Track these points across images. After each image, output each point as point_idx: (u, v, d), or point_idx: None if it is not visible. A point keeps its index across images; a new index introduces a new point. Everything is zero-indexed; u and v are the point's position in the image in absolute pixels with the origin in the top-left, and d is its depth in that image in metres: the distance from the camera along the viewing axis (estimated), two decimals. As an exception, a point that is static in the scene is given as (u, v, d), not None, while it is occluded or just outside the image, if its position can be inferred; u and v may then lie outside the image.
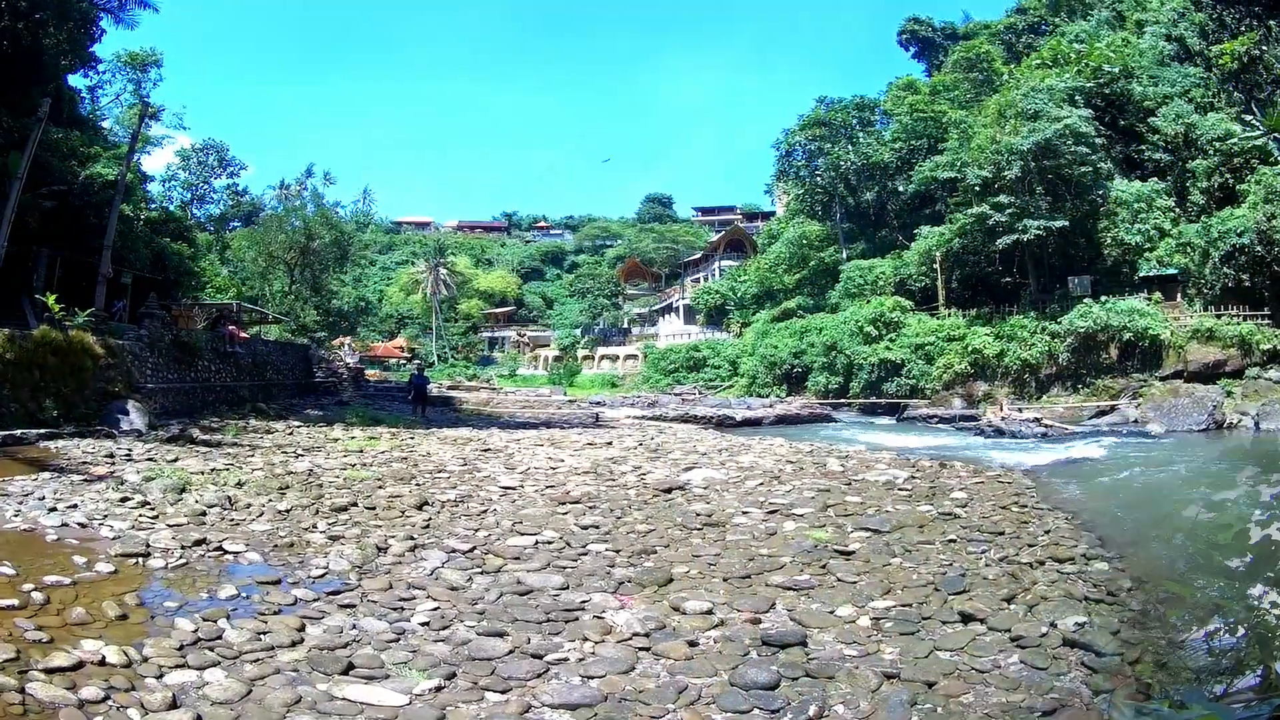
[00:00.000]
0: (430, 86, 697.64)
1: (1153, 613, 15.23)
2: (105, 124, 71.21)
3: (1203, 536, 22.25)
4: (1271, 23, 79.23)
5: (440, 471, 27.06)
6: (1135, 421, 55.74)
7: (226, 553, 16.03)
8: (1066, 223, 71.11)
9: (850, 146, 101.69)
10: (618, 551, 17.15)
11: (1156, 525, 24.72)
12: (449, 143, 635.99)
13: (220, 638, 11.66)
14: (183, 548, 15.86)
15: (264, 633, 11.96)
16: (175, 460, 25.84)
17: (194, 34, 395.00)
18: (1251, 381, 58.35)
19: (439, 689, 10.46)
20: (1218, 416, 53.52)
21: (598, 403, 79.89)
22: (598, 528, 19.15)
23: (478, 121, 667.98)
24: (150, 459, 25.83)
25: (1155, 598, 16.18)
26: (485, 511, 20.75)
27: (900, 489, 26.29)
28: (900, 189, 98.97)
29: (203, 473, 23.86)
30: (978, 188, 74.15)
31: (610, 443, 38.30)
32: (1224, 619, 14.88)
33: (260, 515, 19.25)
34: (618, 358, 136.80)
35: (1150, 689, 11.76)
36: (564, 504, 21.96)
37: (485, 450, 33.56)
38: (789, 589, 15.12)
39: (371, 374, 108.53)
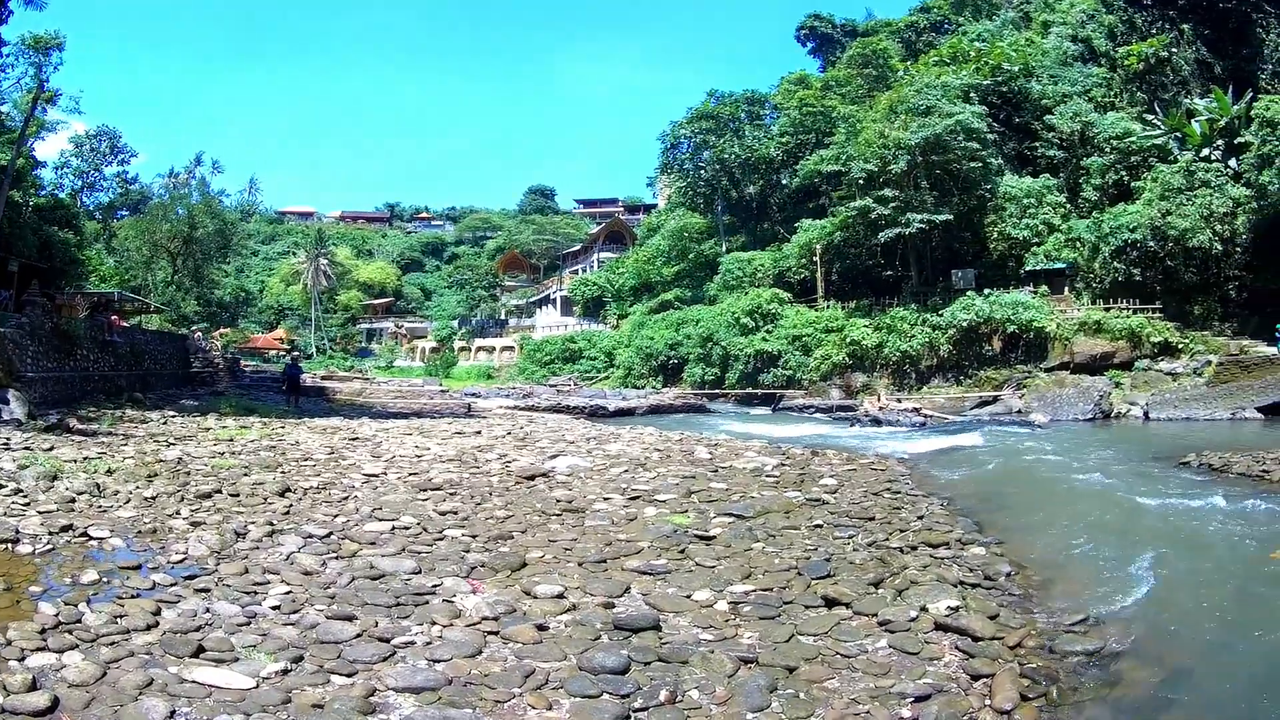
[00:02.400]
0: (321, 75, 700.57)
1: (1034, 597, 15.38)
2: (4, 108, 70.15)
3: (1084, 522, 22.04)
4: (1184, 26, 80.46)
5: (307, 460, 26.98)
6: (1019, 412, 56.45)
7: (92, 538, 15.97)
8: (951, 217, 72.03)
9: (736, 140, 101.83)
10: (474, 537, 17.15)
11: (1037, 511, 24.78)
12: (336, 132, 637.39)
13: (80, 621, 11.68)
14: (50, 534, 15.78)
15: (121, 616, 11.93)
16: (51, 449, 25.42)
17: (85, 18, 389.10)
18: (1141, 373, 59.57)
19: (286, 672, 10.46)
20: (1104, 406, 54.40)
21: (472, 394, 79.05)
22: (456, 513, 19.17)
23: (366, 111, 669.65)
24: (27, 448, 25.36)
25: (1036, 582, 16.35)
26: (346, 498, 20.77)
27: (768, 476, 26.44)
28: (785, 182, 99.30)
29: (76, 461, 23.52)
30: (862, 181, 74.62)
31: (479, 432, 38.31)
32: (1106, 603, 14.88)
33: (127, 502, 19.09)
34: (494, 349, 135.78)
35: (1035, 673, 11.79)
36: (425, 491, 21.97)
37: (353, 439, 33.54)
38: (645, 573, 15.19)
39: (248, 365, 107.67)
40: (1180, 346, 61.26)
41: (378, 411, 53.43)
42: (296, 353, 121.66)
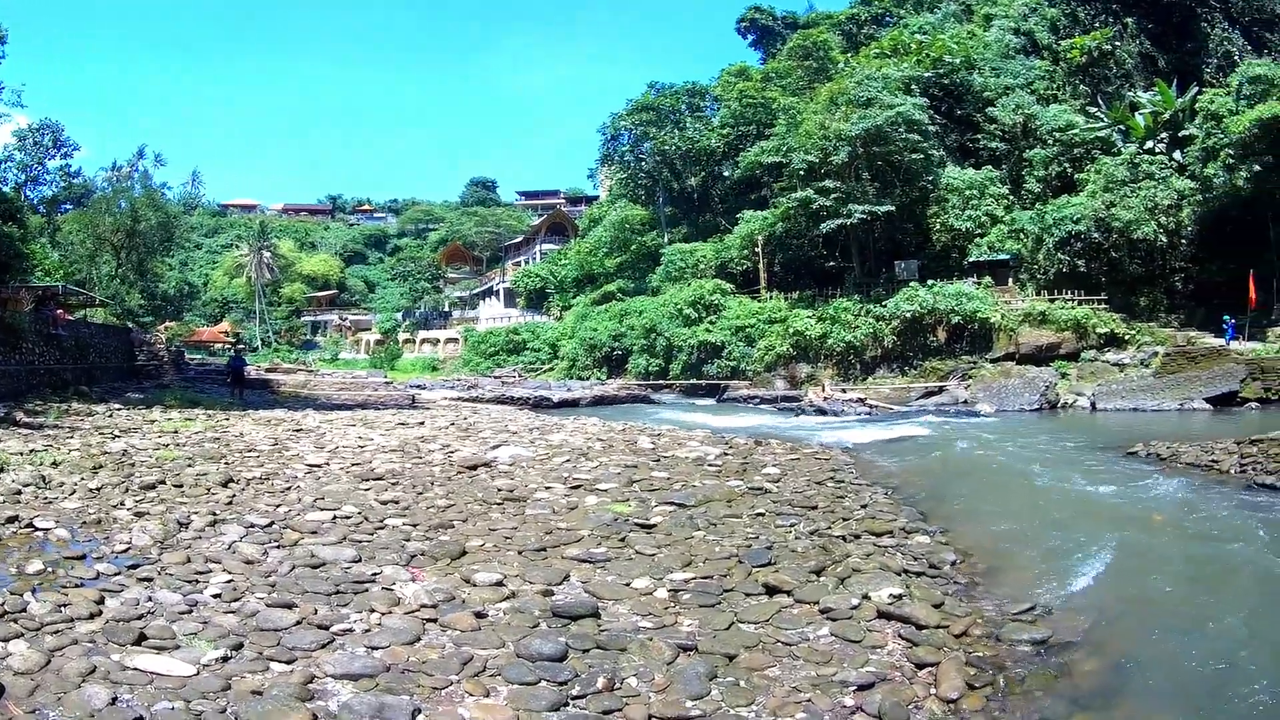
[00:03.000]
0: (262, 68, 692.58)
1: (980, 585, 15.41)
2: (-53, 104, 69.50)
3: (1031, 511, 22.21)
4: (1128, 20, 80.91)
5: (250, 451, 26.92)
6: (965, 402, 56.45)
7: (37, 529, 15.99)
8: (893, 208, 72.39)
9: (677, 131, 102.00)
10: (415, 526, 17.12)
11: (983, 500, 24.87)
12: (278, 125, 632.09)
13: (25, 610, 11.59)
14: (-4, 525, 15.64)
15: (65, 605, 11.87)
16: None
17: (20, 9, 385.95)
18: (1088, 364, 59.66)
19: (226, 659, 10.40)
20: (1050, 397, 54.39)
21: (417, 386, 78.90)
22: (398, 503, 19.13)
23: (308, 103, 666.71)
24: (-25, 442, 25.30)
25: (981, 570, 16.36)
26: (289, 488, 20.70)
27: (710, 465, 26.42)
28: (726, 174, 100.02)
29: (22, 454, 23.47)
30: (803, 172, 74.71)
31: (422, 423, 38.23)
32: (1054, 592, 14.91)
33: (73, 493, 19.10)
34: (438, 341, 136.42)
35: (981, 662, 11.82)
36: (367, 480, 21.93)
37: (297, 430, 33.44)
38: (585, 561, 15.17)
39: (193, 358, 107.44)
40: (1127, 338, 61.49)
41: (322, 403, 53.32)
42: (242, 346, 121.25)
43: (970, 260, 72.32)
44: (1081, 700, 10.92)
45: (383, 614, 12.08)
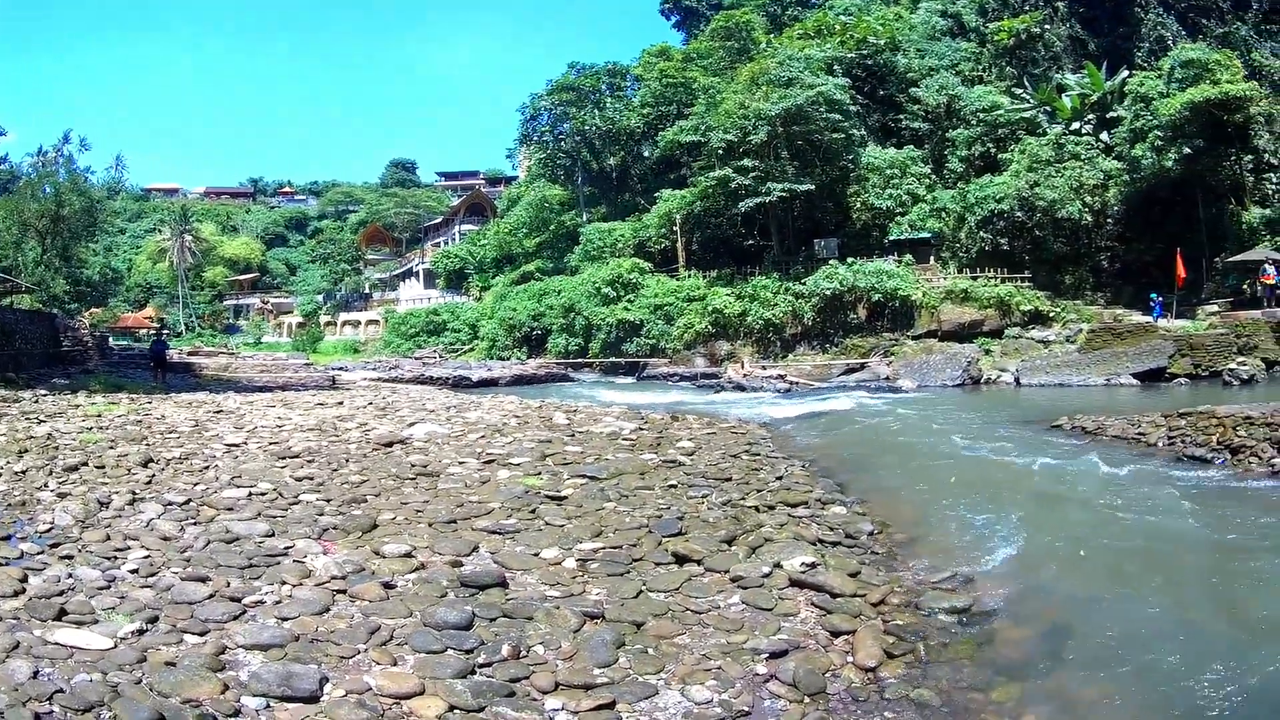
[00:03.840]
0: (185, 47, 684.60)
1: (899, 556, 15.49)
2: None
3: (952, 483, 22.22)
4: (1059, 3, 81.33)
5: (171, 432, 26.84)
6: (886, 379, 56.60)
7: (-38, 513, 15.80)
8: (812, 187, 72.16)
9: (597, 112, 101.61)
10: (328, 501, 17.14)
11: (903, 473, 24.81)
12: (200, 108, 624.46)
13: None
14: (-77, 510, 15.62)
15: (-11, 584, 11.78)
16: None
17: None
18: (1012, 340, 60.17)
19: (142, 632, 10.48)
20: (973, 373, 54.69)
21: (338, 368, 78.65)
22: (313, 479, 19.17)
23: (230, 84, 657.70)
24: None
25: (900, 541, 16.46)
26: (207, 468, 20.68)
27: (624, 439, 26.55)
28: (645, 154, 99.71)
29: (-52, 440, 23.33)
30: (721, 151, 74.24)
31: (341, 403, 38.17)
32: (975, 562, 15.02)
33: (-1, 477, 18.91)
34: (360, 323, 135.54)
35: (900, 630, 11.86)
36: (284, 459, 21.95)
37: (218, 412, 33.24)
38: (495, 533, 15.22)
39: (119, 344, 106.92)
40: (1052, 315, 61.98)
41: (243, 386, 53.08)
42: (166, 331, 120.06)
43: (891, 239, 72.55)
44: (1007, 669, 10.99)
45: (293, 586, 12.17)
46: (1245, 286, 57.46)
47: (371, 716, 8.60)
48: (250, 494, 17.52)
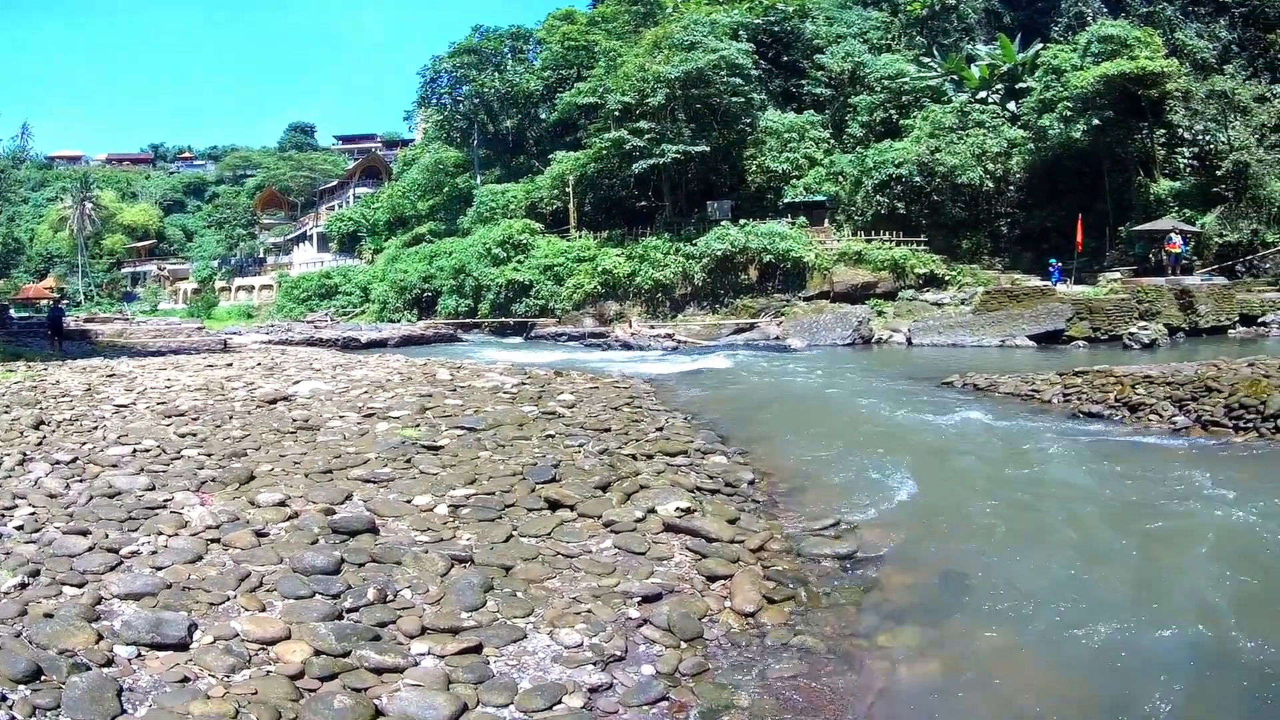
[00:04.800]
0: (89, 14, 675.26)
1: (781, 504, 15.49)
2: None
3: (838, 435, 22.40)
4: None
5: (64, 396, 26.31)
6: (776, 338, 57.14)
7: None
8: (707, 149, 72.04)
9: (497, 74, 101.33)
10: (209, 455, 16.89)
11: (787, 426, 25.02)
12: (104, 73, 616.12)
13: None
14: None
15: (-121, 546, 11.69)
16: None
17: None
18: (906, 302, 60.77)
19: (23, 585, 10.28)
20: (864, 332, 55.36)
21: (232, 332, 77.94)
22: (196, 435, 18.86)
23: (133, 49, 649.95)
24: None
25: (783, 490, 16.46)
26: (96, 428, 20.25)
27: (506, 393, 26.43)
28: (543, 117, 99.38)
29: None
30: (618, 113, 74.53)
31: (230, 364, 37.70)
32: (860, 510, 15.04)
33: (-105, 446, 18.80)
34: (254, 288, 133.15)
35: (781, 576, 11.82)
36: (170, 417, 21.59)
37: (110, 376, 32.61)
38: (369, 481, 15.11)
39: (20, 315, 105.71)
40: (947, 278, 62.71)
41: (138, 351, 52.64)
42: (65, 300, 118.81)
43: (785, 201, 72.82)
44: (894, 614, 11.00)
45: (169, 536, 11.99)
46: (1150, 255, 58.00)
47: (238, 662, 8.47)
48: (135, 451, 17.25)
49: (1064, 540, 13.43)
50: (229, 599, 10.06)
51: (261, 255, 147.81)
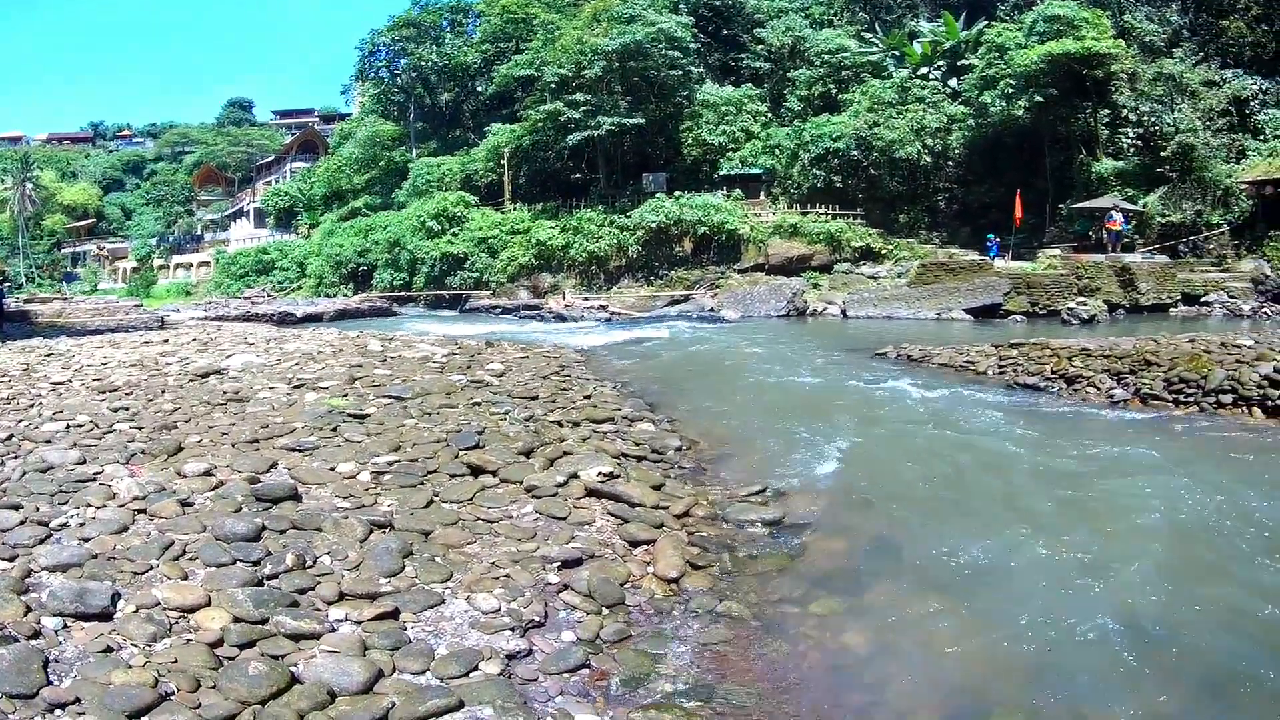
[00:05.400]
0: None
1: (708, 471, 15.51)
2: None
3: (768, 405, 22.63)
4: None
5: (3, 376, 26.15)
6: (711, 310, 57.36)
7: None
8: (643, 121, 72.23)
9: (436, 48, 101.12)
10: (140, 429, 16.79)
11: (717, 395, 25.07)
12: (45, 52, 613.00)
13: None
14: None
15: None
16: None
17: None
18: (841, 275, 61.00)
19: (-44, 562, 10.16)
20: (798, 304, 55.53)
21: (170, 310, 77.55)
22: (128, 409, 18.75)
23: (73, 26, 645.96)
24: None
25: (710, 458, 16.49)
26: (32, 405, 20.15)
27: (435, 363, 26.48)
28: (480, 90, 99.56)
29: None
30: (554, 85, 74.43)
31: (166, 340, 37.65)
32: (789, 477, 15.04)
33: None
34: (192, 265, 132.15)
35: (705, 541, 11.86)
36: (104, 392, 21.53)
37: (49, 355, 32.46)
38: (295, 450, 15.04)
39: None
40: (884, 252, 62.99)
41: (76, 330, 52.24)
42: (8, 283, 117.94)
43: (721, 174, 72.97)
44: (823, 581, 10.97)
45: (98, 508, 11.87)
46: (1090, 233, 58.24)
47: (159, 631, 8.40)
48: (68, 426, 17.11)
49: (999, 509, 13.42)
50: (152, 568, 10.00)
51: (199, 232, 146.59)
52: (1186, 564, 11.22)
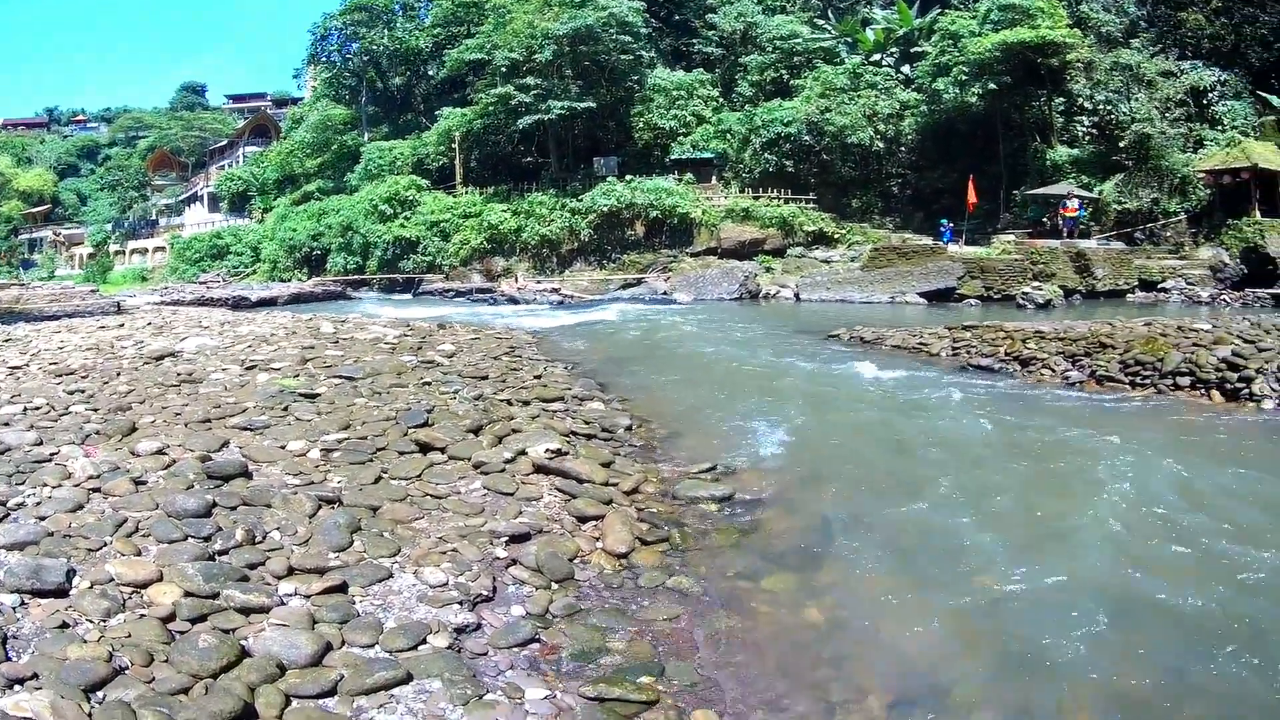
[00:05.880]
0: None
1: (659, 449, 15.62)
2: None
3: (719, 385, 22.67)
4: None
5: (-38, 366, 26.45)
6: (663, 293, 57.75)
7: None
8: (594, 105, 72.41)
9: (387, 31, 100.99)
10: (96, 410, 16.80)
11: (668, 374, 25.34)
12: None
13: None
14: None
15: None
16: None
17: None
18: (794, 259, 61.48)
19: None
20: (751, 287, 55.89)
21: (126, 295, 77.40)
22: (84, 392, 18.80)
23: (27, 9, 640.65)
24: None
25: (661, 436, 16.60)
26: (-12, 391, 20.26)
27: (386, 344, 26.56)
28: (431, 74, 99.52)
29: None
30: (505, 69, 74.59)
31: (122, 324, 37.66)
32: (739, 455, 15.12)
33: None
34: (147, 251, 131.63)
35: (654, 518, 11.93)
36: (60, 376, 21.53)
37: (6, 340, 32.43)
38: (246, 429, 15.07)
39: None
40: (837, 236, 63.72)
41: (34, 316, 52.17)
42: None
43: (672, 158, 73.38)
44: (775, 557, 11.01)
45: (54, 488, 11.87)
46: (1045, 219, 58.61)
47: (113, 606, 8.42)
48: (25, 409, 17.09)
49: (952, 487, 13.45)
50: (106, 545, 10.00)
51: (154, 217, 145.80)
52: (1144, 539, 11.30)
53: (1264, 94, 62.16)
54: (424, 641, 8.45)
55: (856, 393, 21.28)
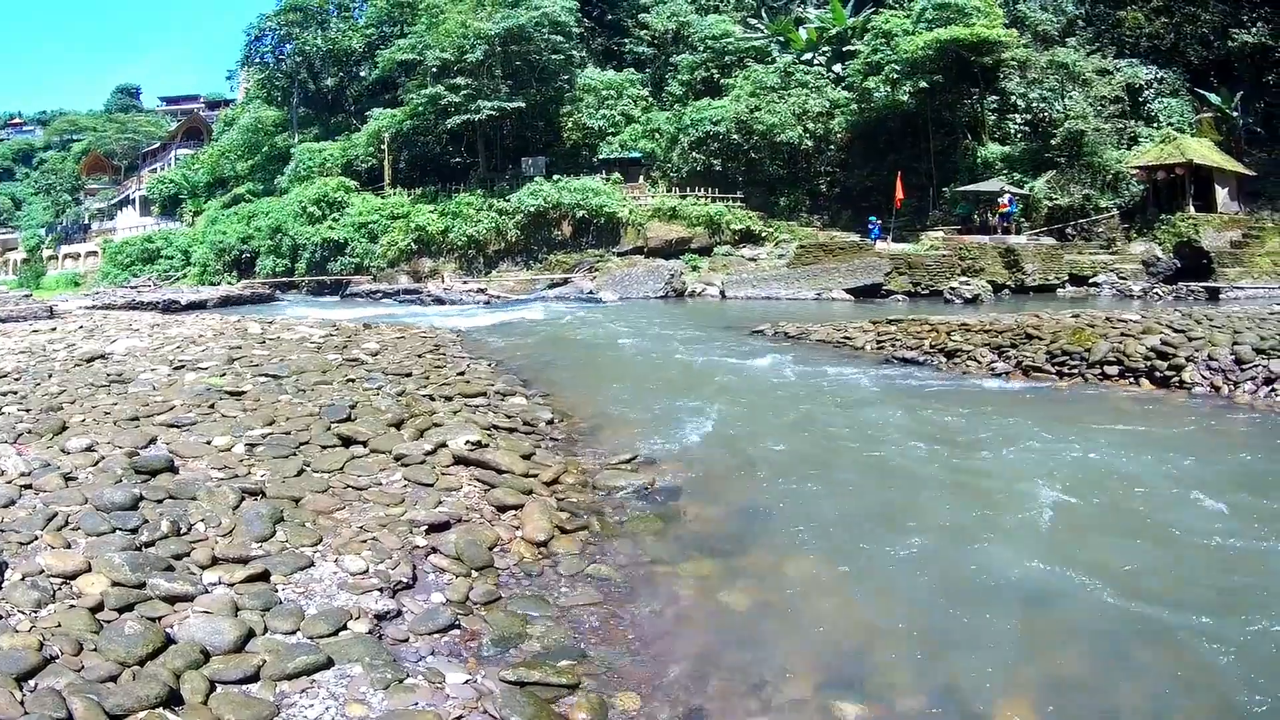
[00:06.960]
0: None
1: (580, 441, 15.77)
2: None
3: (641, 379, 23.00)
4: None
5: (-107, 369, 26.38)
6: (590, 292, 58.00)
7: None
8: (523, 105, 72.49)
9: (321, 32, 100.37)
10: (28, 410, 16.81)
11: (590, 370, 25.77)
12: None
13: None
14: None
15: None
16: None
17: None
18: (721, 257, 61.74)
19: None
20: (677, 285, 56.34)
21: (60, 300, 76.94)
22: (16, 393, 18.81)
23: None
24: None
25: (582, 429, 16.77)
26: (-79, 397, 20.22)
27: (312, 343, 26.65)
28: (364, 74, 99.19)
29: None
30: (436, 70, 74.44)
31: (54, 328, 37.49)
32: (659, 446, 15.36)
33: None
34: (80, 255, 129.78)
35: (574, 507, 12.06)
36: (-10, 380, 21.64)
37: (-63, 349, 32.75)
38: (173, 426, 15.08)
39: None
40: (764, 234, 63.91)
41: (-35, 322, 52.27)
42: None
43: (600, 158, 73.79)
44: (695, 544, 11.14)
45: (-13, 486, 11.97)
46: (975, 215, 58.89)
47: (43, 596, 8.44)
48: (-43, 413, 17.25)
49: (875, 476, 13.66)
50: (37, 538, 10.04)
51: (87, 221, 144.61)
52: (1071, 524, 11.50)
53: (1202, 91, 62.52)
54: (345, 627, 8.55)
55: (779, 385, 21.48)
